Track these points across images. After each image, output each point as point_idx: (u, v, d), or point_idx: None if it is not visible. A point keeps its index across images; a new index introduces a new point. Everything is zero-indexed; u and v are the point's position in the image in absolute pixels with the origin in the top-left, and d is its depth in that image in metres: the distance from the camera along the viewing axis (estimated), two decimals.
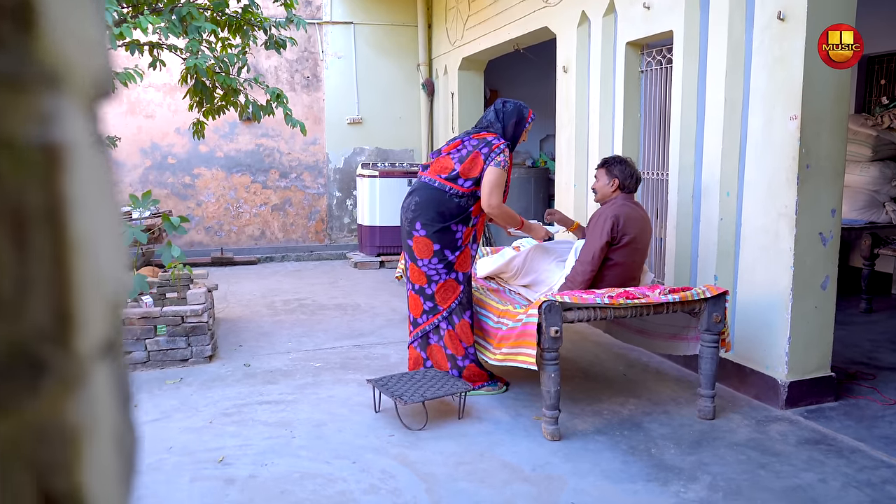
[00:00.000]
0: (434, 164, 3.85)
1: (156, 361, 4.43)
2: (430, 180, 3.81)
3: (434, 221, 3.74)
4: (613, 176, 3.89)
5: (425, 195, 3.79)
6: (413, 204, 3.81)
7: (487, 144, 3.76)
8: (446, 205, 3.75)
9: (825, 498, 2.73)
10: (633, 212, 3.82)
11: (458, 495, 2.76)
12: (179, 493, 2.80)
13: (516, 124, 3.89)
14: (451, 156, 3.81)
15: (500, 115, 3.89)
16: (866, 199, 6.43)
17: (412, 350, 3.95)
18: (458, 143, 3.85)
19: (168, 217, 4.86)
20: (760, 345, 3.77)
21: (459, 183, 3.74)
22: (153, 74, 8.14)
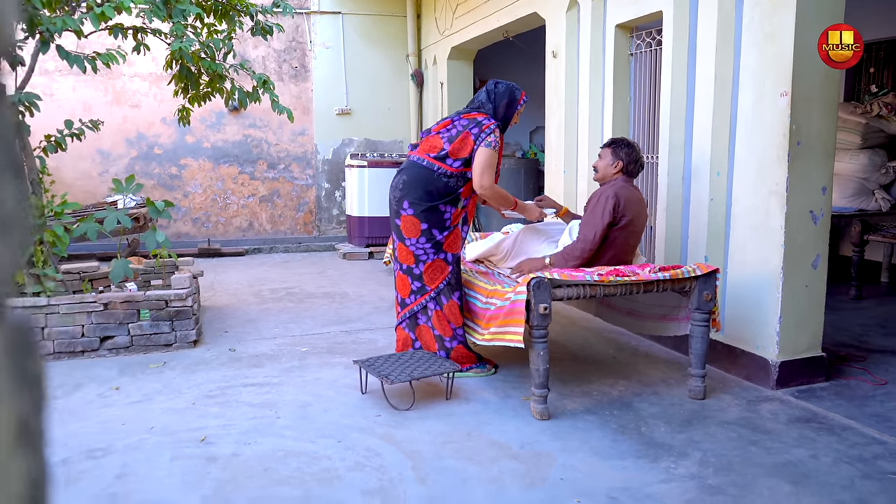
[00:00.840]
0: (423, 143, 3.81)
1: (139, 346, 4.36)
2: (418, 159, 3.76)
3: (422, 200, 3.69)
4: (619, 158, 3.84)
5: (413, 174, 3.74)
6: (401, 183, 3.76)
7: (478, 125, 3.70)
8: (434, 184, 3.69)
9: (816, 472, 2.70)
10: (633, 194, 3.78)
11: (445, 472, 2.71)
12: (159, 471, 2.73)
13: (507, 105, 3.83)
14: (440, 135, 3.76)
15: (491, 95, 3.84)
16: (856, 186, 6.42)
17: (400, 331, 3.89)
18: (448, 122, 3.80)
19: (152, 202, 4.80)
20: (751, 325, 3.73)
21: (448, 163, 3.69)
22: (138, 64, 8.08)
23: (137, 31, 5.20)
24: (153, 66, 8.24)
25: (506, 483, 2.62)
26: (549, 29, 5.71)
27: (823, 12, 3.43)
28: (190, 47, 4.97)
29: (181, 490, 2.58)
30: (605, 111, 5.09)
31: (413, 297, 3.79)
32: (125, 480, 2.66)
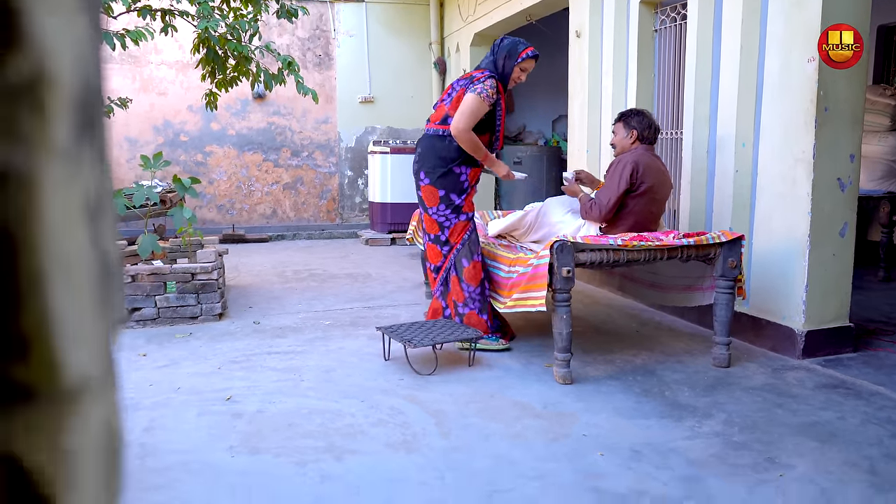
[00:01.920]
0: (433, 116, 3.88)
1: (165, 318, 4.42)
2: (429, 130, 3.85)
3: (435, 168, 3.75)
4: (631, 128, 3.85)
5: (426, 144, 3.83)
6: (417, 156, 3.87)
7: (470, 79, 3.76)
8: (446, 149, 3.74)
9: (843, 432, 2.67)
10: (653, 161, 3.78)
11: (468, 429, 2.72)
12: (186, 425, 2.77)
13: (507, 58, 3.80)
14: (443, 102, 3.83)
15: (494, 49, 3.87)
16: (885, 168, 6.32)
17: (435, 301, 3.93)
18: (449, 87, 3.88)
19: (179, 179, 4.86)
20: (777, 295, 3.70)
21: (449, 122, 3.73)
22: (165, 51, 8.20)
23: (165, 13, 5.27)
24: (180, 54, 8.35)
25: (529, 438, 2.62)
26: (573, 9, 5.70)
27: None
28: (217, 27, 5.03)
29: (208, 441, 2.61)
30: (629, 89, 5.07)
31: (443, 260, 3.83)
32: (153, 433, 2.70)
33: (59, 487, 0.26)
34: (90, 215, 0.28)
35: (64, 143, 0.26)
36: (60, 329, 0.25)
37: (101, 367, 0.29)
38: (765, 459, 2.43)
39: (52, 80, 0.25)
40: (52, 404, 0.26)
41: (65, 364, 0.26)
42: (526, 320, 4.41)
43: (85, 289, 0.27)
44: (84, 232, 0.27)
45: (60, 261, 0.25)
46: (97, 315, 0.28)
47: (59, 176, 0.25)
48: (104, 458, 0.30)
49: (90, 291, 0.28)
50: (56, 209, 0.25)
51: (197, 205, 8.66)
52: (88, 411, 0.28)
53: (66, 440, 0.26)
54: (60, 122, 0.26)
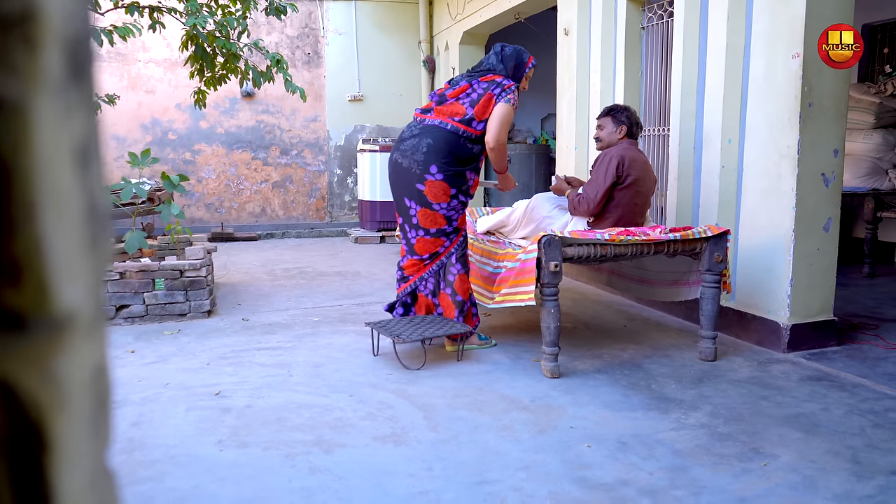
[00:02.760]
0: (442, 109, 3.67)
1: (154, 315, 4.41)
2: (441, 122, 3.60)
3: (451, 164, 3.56)
4: (621, 122, 3.89)
5: (438, 136, 3.57)
6: (425, 146, 3.57)
7: (499, 85, 3.62)
8: (461, 149, 3.58)
9: (827, 423, 2.70)
10: (639, 155, 3.82)
11: (457, 421, 2.74)
12: (174, 419, 2.77)
13: (516, 67, 3.75)
14: (460, 101, 3.65)
15: (499, 57, 3.80)
16: (869, 166, 6.39)
17: (422, 298, 3.79)
18: (467, 86, 3.68)
19: (168, 176, 4.85)
20: (762, 290, 3.73)
21: (474, 126, 3.58)
22: (153, 49, 8.17)
23: (153, 9, 5.26)
24: (168, 52, 8.32)
25: (516, 430, 2.64)
26: (561, 6, 5.73)
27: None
28: (205, 24, 5.02)
29: (196, 435, 2.62)
30: (617, 86, 5.10)
31: (444, 247, 3.69)
32: (141, 427, 2.70)
33: (49, 413, 0.27)
34: (80, 156, 0.29)
35: (54, 79, 0.27)
36: (52, 258, 0.27)
37: (90, 306, 0.30)
38: (749, 449, 2.46)
39: (43, 17, 0.26)
40: (44, 331, 0.27)
41: (56, 293, 0.27)
42: (515, 316, 4.43)
43: (74, 225, 0.28)
44: (74, 171, 0.29)
45: (52, 194, 0.27)
46: (86, 254, 0.30)
47: (50, 110, 0.27)
48: (93, 396, 0.31)
49: (79, 229, 0.29)
50: (47, 142, 0.26)
51: (185, 203, 8.64)
52: (78, 345, 0.29)
53: (57, 368, 0.27)
54: (51, 58, 0.27)
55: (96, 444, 0.32)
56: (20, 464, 0.27)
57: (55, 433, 0.28)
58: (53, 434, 0.27)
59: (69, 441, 0.28)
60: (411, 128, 3.73)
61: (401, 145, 3.71)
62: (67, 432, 0.28)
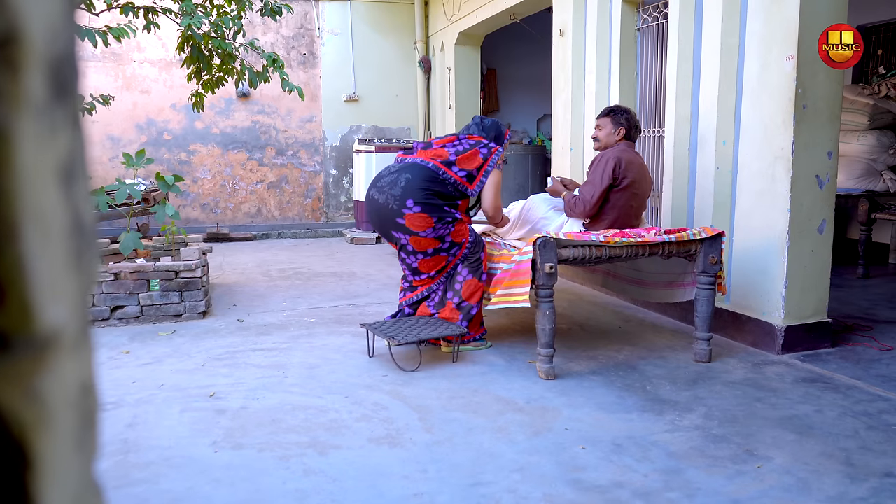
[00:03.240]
0: (426, 151, 3.70)
1: (149, 316, 4.40)
2: (422, 161, 3.63)
3: (428, 197, 3.54)
4: (619, 124, 3.89)
5: (417, 173, 3.58)
6: (403, 181, 3.56)
7: (486, 146, 3.72)
8: (440, 185, 3.58)
9: (821, 424, 2.71)
10: (635, 157, 3.83)
11: (452, 423, 2.74)
12: (169, 421, 2.77)
13: (496, 138, 3.83)
14: (445, 148, 3.68)
15: (481, 128, 3.85)
16: (863, 167, 6.40)
17: (424, 308, 3.79)
18: (454, 138, 3.76)
19: (162, 176, 4.85)
20: (757, 291, 3.74)
21: (454, 170, 3.59)
22: (149, 49, 8.16)
23: (148, 10, 5.25)
24: (163, 52, 8.30)
25: (511, 432, 2.65)
26: (556, 7, 5.73)
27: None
28: (200, 25, 5.01)
29: (191, 436, 2.61)
30: (612, 87, 5.11)
31: (447, 262, 3.67)
32: (136, 429, 2.69)
33: (32, 431, 0.27)
34: (64, 175, 0.29)
35: (37, 101, 0.27)
36: (35, 278, 0.27)
37: (75, 324, 0.30)
38: (744, 451, 2.47)
39: (25, 40, 0.26)
40: (27, 351, 0.27)
41: (39, 312, 0.27)
42: (510, 317, 4.43)
43: (58, 244, 0.29)
44: (58, 190, 0.29)
45: (34, 214, 0.27)
46: (71, 272, 0.30)
47: (32, 132, 0.27)
48: (78, 413, 0.31)
49: (63, 248, 0.29)
50: (30, 164, 0.26)
51: (181, 204, 8.62)
52: (62, 363, 0.29)
53: (40, 387, 0.27)
54: (33, 81, 0.27)
55: (82, 459, 0.32)
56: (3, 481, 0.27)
57: (38, 451, 0.28)
58: (37, 452, 0.27)
59: (53, 458, 0.28)
60: (389, 168, 3.74)
61: (378, 182, 3.70)
62: (51, 449, 0.28)
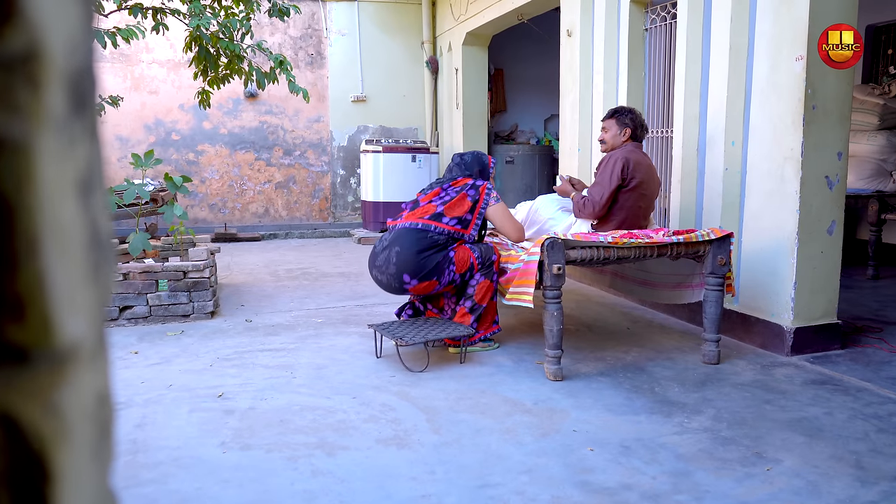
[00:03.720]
0: (414, 212, 3.67)
1: (157, 316, 4.42)
2: (410, 224, 3.61)
3: (422, 264, 3.52)
4: (625, 125, 3.89)
5: (405, 241, 3.55)
6: (394, 257, 3.55)
7: (473, 187, 3.68)
8: (428, 240, 3.55)
9: (831, 427, 2.70)
10: (643, 158, 3.82)
11: (459, 424, 2.74)
12: (178, 421, 2.78)
13: (480, 172, 3.81)
14: (432, 202, 3.66)
15: (463, 167, 3.81)
16: (873, 167, 6.37)
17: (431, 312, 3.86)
18: (439, 190, 3.70)
19: (171, 177, 4.86)
20: (766, 293, 3.73)
21: (445, 221, 3.57)
22: (157, 50, 8.19)
23: (157, 11, 5.27)
24: (171, 53, 8.33)
25: (519, 433, 2.64)
26: (564, 8, 5.72)
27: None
28: (208, 26, 5.03)
29: (199, 437, 2.62)
30: (620, 87, 5.10)
31: (457, 284, 3.66)
32: (145, 429, 2.70)
33: (52, 444, 0.27)
34: (83, 188, 0.29)
35: (57, 116, 0.27)
36: (54, 293, 0.27)
37: (92, 336, 0.30)
38: (753, 454, 2.46)
39: (46, 56, 0.26)
40: (46, 365, 0.27)
41: (59, 326, 0.27)
42: (518, 318, 4.43)
43: (77, 258, 0.29)
44: (76, 203, 0.29)
45: (54, 228, 0.27)
46: (88, 284, 0.30)
47: (52, 147, 0.27)
48: (96, 424, 0.31)
49: (82, 261, 0.29)
50: (50, 178, 0.27)
51: (189, 204, 8.66)
52: (81, 376, 0.29)
53: (59, 400, 0.27)
54: (54, 96, 0.27)
55: (98, 469, 0.32)
56: (23, 494, 0.27)
57: (57, 464, 0.28)
58: (56, 464, 0.28)
59: (71, 470, 0.28)
60: (382, 240, 3.73)
61: (375, 261, 3.70)
62: (69, 461, 0.28)
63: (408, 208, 3.77)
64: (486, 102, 8.71)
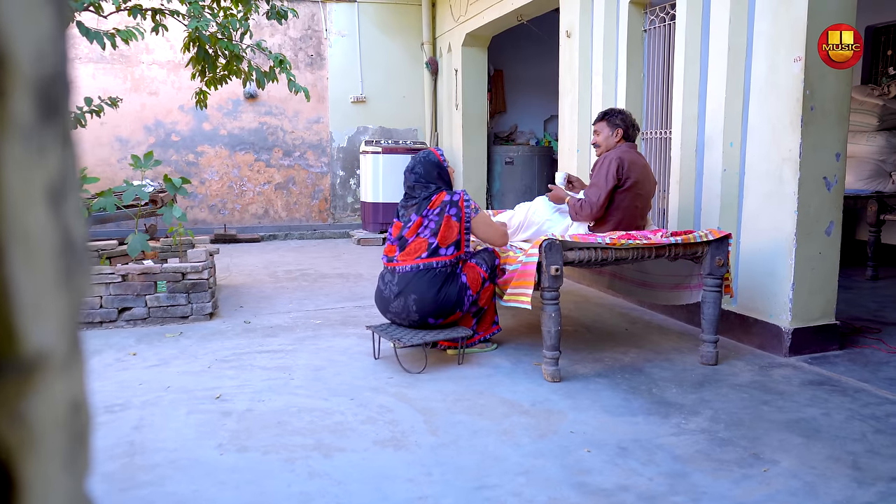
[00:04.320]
0: (408, 251, 3.59)
1: (156, 318, 4.42)
2: (412, 268, 3.53)
3: (442, 306, 3.49)
4: (616, 126, 3.89)
5: (419, 285, 3.49)
6: (413, 305, 3.49)
7: (452, 204, 3.55)
8: (439, 276, 3.50)
9: (828, 428, 2.69)
10: (637, 158, 3.82)
11: (456, 426, 2.74)
12: (175, 423, 2.78)
13: (439, 175, 3.67)
14: (421, 236, 3.56)
15: (423, 177, 3.64)
16: (872, 168, 6.37)
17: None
18: (420, 220, 3.57)
19: (170, 179, 4.87)
20: (764, 293, 3.73)
21: (441, 253, 3.51)
22: (157, 51, 8.19)
23: (156, 12, 5.27)
24: (171, 54, 8.34)
25: (516, 434, 2.64)
26: (563, 9, 5.72)
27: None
28: (207, 27, 5.02)
29: (197, 439, 2.62)
30: (619, 88, 5.10)
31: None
32: (142, 431, 2.70)
33: (18, 454, 0.27)
34: (53, 195, 0.29)
35: (24, 123, 0.27)
36: (19, 300, 0.27)
37: (64, 343, 0.30)
38: (750, 455, 2.46)
39: (12, 64, 0.26)
40: (12, 374, 0.27)
41: (24, 335, 0.27)
42: (516, 319, 4.43)
43: (46, 265, 0.29)
44: (46, 210, 0.29)
45: (20, 236, 0.27)
46: (59, 291, 0.30)
47: (19, 154, 0.27)
48: (69, 433, 0.31)
49: (52, 268, 0.29)
50: (16, 186, 0.27)
51: (188, 205, 8.66)
52: (50, 384, 0.29)
53: (26, 410, 0.27)
54: (20, 104, 0.27)
55: (72, 478, 0.32)
56: None
57: (24, 473, 0.28)
58: (22, 474, 0.28)
59: (40, 479, 0.28)
60: (388, 284, 3.63)
61: (388, 306, 3.61)
62: (38, 471, 0.28)
63: (396, 244, 3.64)
64: (486, 103, 8.71)
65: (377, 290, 3.73)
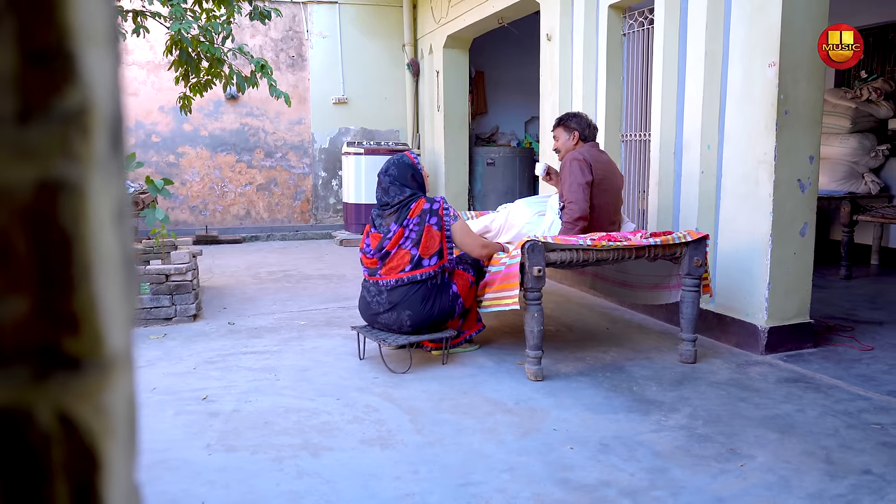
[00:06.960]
0: (390, 265, 3.53)
1: (139, 320, 4.42)
2: (397, 281, 3.50)
3: (436, 317, 3.51)
4: (572, 129, 4.00)
5: (410, 301, 3.47)
6: (407, 319, 3.48)
7: (432, 213, 3.51)
8: (427, 287, 3.50)
9: (802, 423, 2.78)
10: (600, 155, 3.92)
11: (441, 424, 2.79)
12: (163, 424, 2.80)
13: (412, 177, 3.63)
14: (403, 247, 3.51)
15: (398, 179, 3.59)
16: (846, 170, 6.52)
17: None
18: (402, 231, 3.51)
19: (152, 180, 4.86)
20: (741, 293, 3.81)
21: (424, 264, 3.49)
22: (136, 52, 8.15)
23: (137, 14, 5.26)
24: (151, 55, 8.31)
25: (500, 432, 2.70)
26: (544, 12, 5.80)
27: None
28: (189, 30, 5.03)
29: (185, 439, 2.65)
30: (599, 91, 5.18)
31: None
32: None
33: (101, 440, 0.32)
34: (117, 217, 0.34)
35: (102, 157, 0.32)
36: (104, 310, 0.31)
37: (127, 345, 0.35)
38: (727, 450, 2.53)
39: (94, 107, 0.31)
40: (97, 372, 0.31)
41: (106, 339, 0.32)
42: (499, 319, 4.48)
43: (115, 278, 0.33)
44: (114, 230, 0.33)
45: (101, 254, 0.31)
46: (123, 301, 0.34)
47: (98, 185, 0.31)
48: (128, 423, 0.36)
49: (118, 281, 0.34)
50: (97, 212, 0.31)
51: (169, 206, 8.62)
52: (120, 380, 0.34)
53: (106, 401, 0.32)
54: (100, 141, 0.31)
55: (130, 462, 0.36)
56: (77, 483, 0.31)
57: (106, 455, 0.32)
58: (104, 456, 0.32)
59: (115, 461, 0.33)
60: (374, 297, 3.59)
61: (378, 318, 3.59)
62: (115, 454, 0.33)
63: (377, 257, 3.57)
64: (467, 105, 8.77)
65: (361, 299, 3.70)
